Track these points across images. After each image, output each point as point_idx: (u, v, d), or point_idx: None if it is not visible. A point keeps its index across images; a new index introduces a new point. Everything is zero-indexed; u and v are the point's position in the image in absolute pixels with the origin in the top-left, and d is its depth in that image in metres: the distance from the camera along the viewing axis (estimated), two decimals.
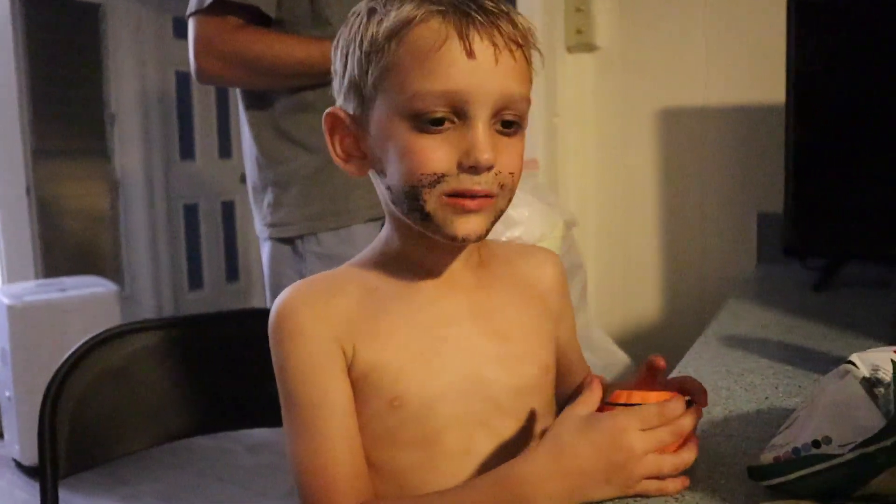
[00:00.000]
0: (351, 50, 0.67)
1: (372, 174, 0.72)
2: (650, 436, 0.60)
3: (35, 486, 2.60)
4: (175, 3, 4.22)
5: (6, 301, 2.55)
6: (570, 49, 1.90)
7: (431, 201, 0.65)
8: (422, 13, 0.63)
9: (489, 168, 0.64)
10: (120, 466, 2.59)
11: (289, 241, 1.41)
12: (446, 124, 0.64)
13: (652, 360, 0.69)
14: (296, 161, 1.40)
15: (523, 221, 1.28)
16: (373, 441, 0.70)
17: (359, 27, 0.67)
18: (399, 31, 0.64)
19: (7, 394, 2.66)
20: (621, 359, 1.54)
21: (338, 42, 0.71)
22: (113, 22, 4.00)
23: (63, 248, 3.88)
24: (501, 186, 0.66)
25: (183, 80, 4.31)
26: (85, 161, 4.03)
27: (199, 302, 4.43)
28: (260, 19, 1.31)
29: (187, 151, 4.36)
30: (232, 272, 4.67)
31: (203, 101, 4.42)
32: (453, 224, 0.66)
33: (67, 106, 3.89)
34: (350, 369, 0.70)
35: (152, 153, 4.16)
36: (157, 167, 4.18)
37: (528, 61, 0.67)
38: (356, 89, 0.68)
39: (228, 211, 4.60)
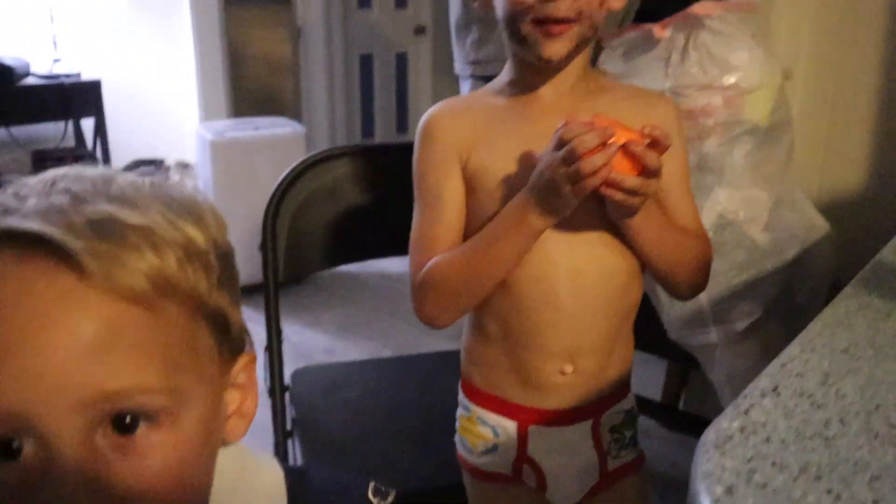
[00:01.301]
0: None
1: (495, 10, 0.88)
2: (557, 154, 0.77)
3: None
4: None
5: (209, 137, 2.77)
6: None
7: (524, 27, 0.82)
8: None
9: None
10: (302, 296, 2.82)
11: (490, 79, 1.42)
12: None
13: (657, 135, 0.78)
14: None
15: (742, 67, 1.21)
16: (484, 222, 0.88)
17: None
18: None
19: None
20: (821, 224, 1.48)
21: None
22: None
23: (249, 90, 4.10)
24: (579, 13, 0.81)
25: None
26: (270, 8, 4.15)
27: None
28: None
29: (365, 0, 4.40)
30: (402, 123, 4.79)
31: None
32: (541, 46, 0.82)
33: None
34: (464, 169, 0.90)
35: (332, 2, 4.22)
36: (335, 16, 4.25)
37: None
38: None
39: (402, 62, 4.65)
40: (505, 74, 0.94)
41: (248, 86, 4.10)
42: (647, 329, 1.55)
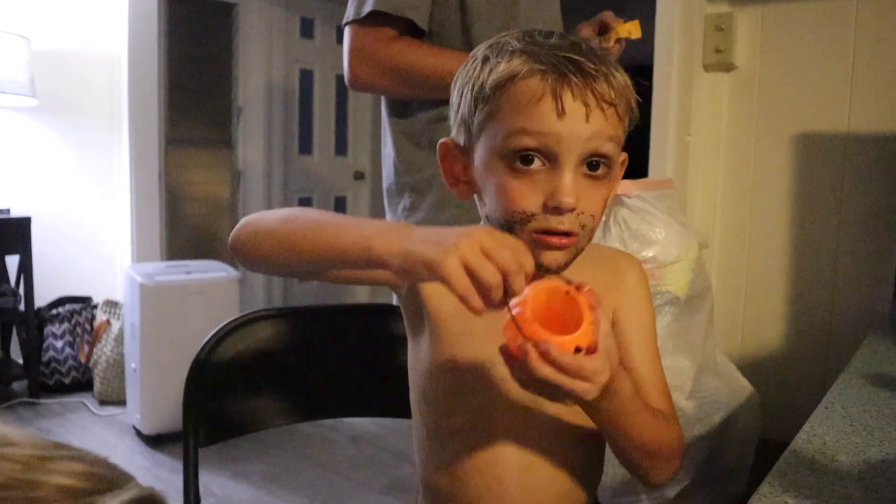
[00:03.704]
0: (465, 91, 0.76)
1: (476, 198, 0.80)
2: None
3: (152, 454, 2.76)
4: (303, 3, 4.38)
5: (139, 279, 2.72)
6: (707, 67, 1.88)
7: (523, 236, 0.72)
8: (525, 70, 0.71)
9: (571, 210, 0.71)
10: (229, 446, 2.70)
11: None
12: (536, 164, 0.71)
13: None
14: (433, 168, 1.43)
15: (659, 242, 1.27)
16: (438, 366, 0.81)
17: (473, 72, 0.75)
18: (504, 84, 0.72)
19: (133, 365, 2.83)
20: (744, 386, 1.51)
21: (457, 78, 0.79)
22: (245, 20, 4.19)
23: (185, 231, 4.10)
24: (582, 227, 0.73)
25: (306, 77, 4.47)
26: (211, 151, 4.24)
27: (307, 292, 4.59)
28: (413, 31, 1.35)
29: (306, 146, 4.52)
30: None
31: (324, 99, 4.58)
32: (540, 255, 0.73)
33: (199, 98, 4.11)
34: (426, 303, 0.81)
35: (273, 146, 4.33)
36: (276, 160, 4.35)
37: (620, 116, 0.73)
38: (466, 126, 0.77)
39: (340, 206, 4.75)
40: None
41: (185, 227, 4.10)
42: None
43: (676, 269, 1.28)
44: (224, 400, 1.32)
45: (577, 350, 0.62)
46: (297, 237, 0.71)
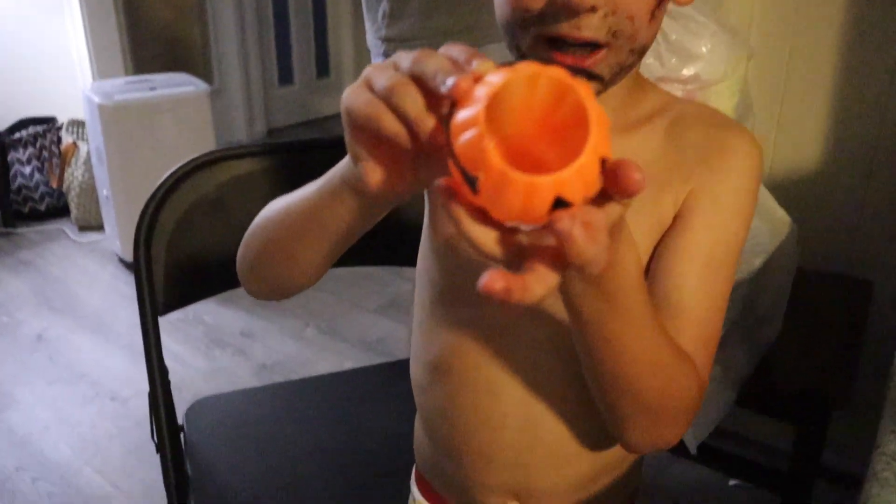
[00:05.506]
0: None
1: None
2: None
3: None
4: None
5: (96, 100, 2.44)
6: None
7: (525, 44, 0.52)
8: None
9: (592, 8, 0.48)
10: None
11: None
12: None
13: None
14: None
15: (703, 56, 1.02)
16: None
17: None
18: None
19: (105, 192, 2.64)
20: (782, 218, 1.33)
21: None
22: None
23: (150, 41, 3.72)
24: (614, 34, 0.50)
25: None
26: None
27: (289, 97, 4.30)
28: None
29: None
30: (322, 67, 4.48)
31: None
32: None
33: None
34: None
35: None
36: None
37: None
38: None
39: (320, 2, 4.31)
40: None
41: (150, 36, 3.71)
42: None
43: (722, 89, 1.05)
44: (182, 258, 1.13)
45: (560, 203, 0.34)
46: (273, 230, 0.61)
